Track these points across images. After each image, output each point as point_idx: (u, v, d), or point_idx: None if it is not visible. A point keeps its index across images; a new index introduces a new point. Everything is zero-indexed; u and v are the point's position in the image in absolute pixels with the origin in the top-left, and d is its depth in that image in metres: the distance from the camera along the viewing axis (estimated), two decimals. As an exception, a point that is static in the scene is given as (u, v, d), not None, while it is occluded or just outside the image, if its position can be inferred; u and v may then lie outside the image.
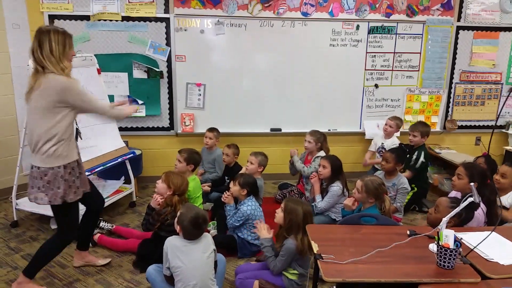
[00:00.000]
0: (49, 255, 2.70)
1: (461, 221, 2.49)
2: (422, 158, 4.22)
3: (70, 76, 2.46)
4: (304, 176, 4.12)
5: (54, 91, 2.35)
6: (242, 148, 4.24)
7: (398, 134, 4.63)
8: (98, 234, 3.35)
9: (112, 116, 2.81)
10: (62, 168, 2.45)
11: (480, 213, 2.75)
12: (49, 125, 2.39)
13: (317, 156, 4.03)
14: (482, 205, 2.78)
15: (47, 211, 3.49)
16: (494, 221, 2.75)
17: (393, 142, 4.52)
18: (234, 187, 3.21)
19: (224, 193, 3.28)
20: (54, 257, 2.75)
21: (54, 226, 3.58)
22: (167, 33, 4.45)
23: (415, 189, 4.14)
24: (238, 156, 4.17)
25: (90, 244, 3.24)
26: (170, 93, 4.61)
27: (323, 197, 3.56)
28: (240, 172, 3.71)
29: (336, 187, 3.48)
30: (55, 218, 2.67)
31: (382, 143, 4.59)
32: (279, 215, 2.66)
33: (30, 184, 2.49)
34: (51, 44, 2.37)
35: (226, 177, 4.21)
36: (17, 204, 3.64)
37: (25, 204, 3.66)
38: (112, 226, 3.51)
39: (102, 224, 3.48)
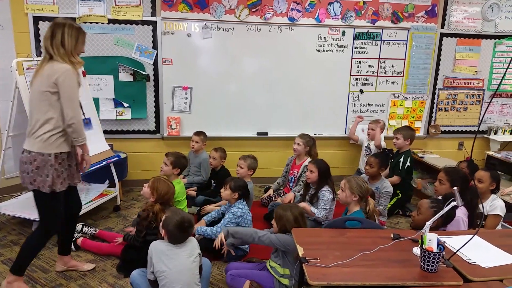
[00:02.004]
0: (34, 249, 2.64)
1: (444, 220, 2.53)
2: (408, 163, 4.27)
3: (77, 70, 2.52)
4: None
5: (53, 75, 2.41)
6: (228, 152, 4.23)
7: (382, 136, 4.68)
8: (82, 238, 3.30)
9: (75, 128, 2.47)
10: (53, 157, 2.47)
11: (464, 218, 2.79)
12: (45, 109, 2.44)
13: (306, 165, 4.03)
14: (464, 209, 2.82)
15: (29, 215, 3.45)
16: (476, 224, 2.80)
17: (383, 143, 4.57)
18: (226, 191, 3.20)
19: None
20: (39, 251, 2.68)
21: (36, 230, 3.52)
22: (154, 36, 4.43)
23: (400, 195, 4.18)
24: (225, 160, 4.17)
25: (74, 248, 3.19)
26: (156, 96, 4.59)
27: (313, 203, 3.54)
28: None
29: (326, 192, 3.47)
30: (38, 209, 2.61)
31: (368, 143, 4.67)
32: (274, 225, 2.66)
33: (20, 169, 2.52)
34: (64, 36, 2.46)
35: (213, 181, 4.20)
36: (-2, 208, 3.58)
37: (6, 208, 3.59)
38: (96, 231, 3.46)
39: (85, 229, 3.43)
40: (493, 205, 3.13)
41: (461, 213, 2.77)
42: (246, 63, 4.70)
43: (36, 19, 4.19)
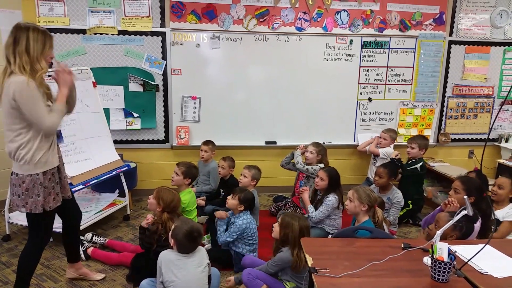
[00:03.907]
0: (30, 266, 2.57)
1: (463, 235, 2.49)
2: (417, 166, 4.24)
3: (43, 79, 2.33)
4: (297, 168, 4.14)
5: (11, 94, 2.22)
6: (237, 161, 4.25)
7: (392, 146, 4.65)
8: (92, 248, 3.32)
9: (54, 128, 2.36)
10: (41, 175, 2.37)
11: (477, 227, 2.75)
12: (18, 130, 2.30)
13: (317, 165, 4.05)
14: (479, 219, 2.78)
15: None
16: (487, 235, 2.75)
17: (388, 151, 4.53)
18: (233, 201, 3.19)
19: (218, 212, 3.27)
20: (36, 265, 2.61)
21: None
22: (163, 47, 4.48)
23: (410, 206, 4.14)
24: (233, 169, 4.18)
25: (84, 258, 3.21)
26: (166, 106, 4.62)
27: (317, 208, 3.54)
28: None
29: (331, 198, 3.47)
30: (29, 225, 2.53)
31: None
32: (275, 229, 2.67)
33: (11, 191, 2.44)
34: (29, 42, 2.26)
35: (222, 190, 4.20)
36: (9, 217, 3.61)
37: (17, 218, 3.63)
38: (105, 240, 3.48)
39: (94, 238, 3.45)
40: (510, 212, 3.10)
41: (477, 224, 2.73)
42: (254, 72, 4.73)
43: (48, 31, 4.24)
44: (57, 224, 2.82)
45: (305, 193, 3.62)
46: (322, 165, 4.04)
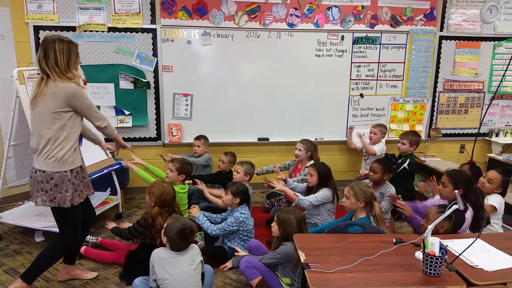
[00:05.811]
0: (50, 260, 2.68)
1: (453, 225, 2.50)
2: (405, 165, 4.26)
3: (79, 85, 2.49)
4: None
5: (63, 96, 2.39)
6: (229, 158, 4.23)
7: (383, 140, 4.66)
8: (84, 246, 3.30)
9: (107, 128, 2.70)
10: (69, 172, 2.50)
11: (468, 218, 2.78)
12: (57, 129, 2.44)
13: (306, 166, 4.03)
14: (470, 209, 2.81)
15: (31, 224, 3.46)
16: (480, 225, 2.78)
17: (380, 147, 4.54)
18: (227, 196, 3.20)
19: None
20: (55, 262, 2.73)
21: (38, 239, 3.52)
22: (154, 44, 4.45)
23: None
24: (233, 164, 4.14)
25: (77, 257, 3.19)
26: (157, 103, 4.60)
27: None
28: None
29: (325, 190, 3.47)
30: (58, 223, 2.63)
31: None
32: (274, 228, 2.67)
33: (34, 188, 2.50)
34: (56, 55, 2.40)
35: (218, 186, 4.19)
36: (0, 217, 3.57)
37: (8, 217, 3.60)
38: (97, 239, 3.46)
39: (87, 237, 3.43)
40: (490, 198, 3.17)
41: (469, 214, 2.76)
42: (246, 69, 4.72)
43: (37, 29, 4.21)
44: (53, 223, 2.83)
45: (280, 186, 3.56)
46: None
